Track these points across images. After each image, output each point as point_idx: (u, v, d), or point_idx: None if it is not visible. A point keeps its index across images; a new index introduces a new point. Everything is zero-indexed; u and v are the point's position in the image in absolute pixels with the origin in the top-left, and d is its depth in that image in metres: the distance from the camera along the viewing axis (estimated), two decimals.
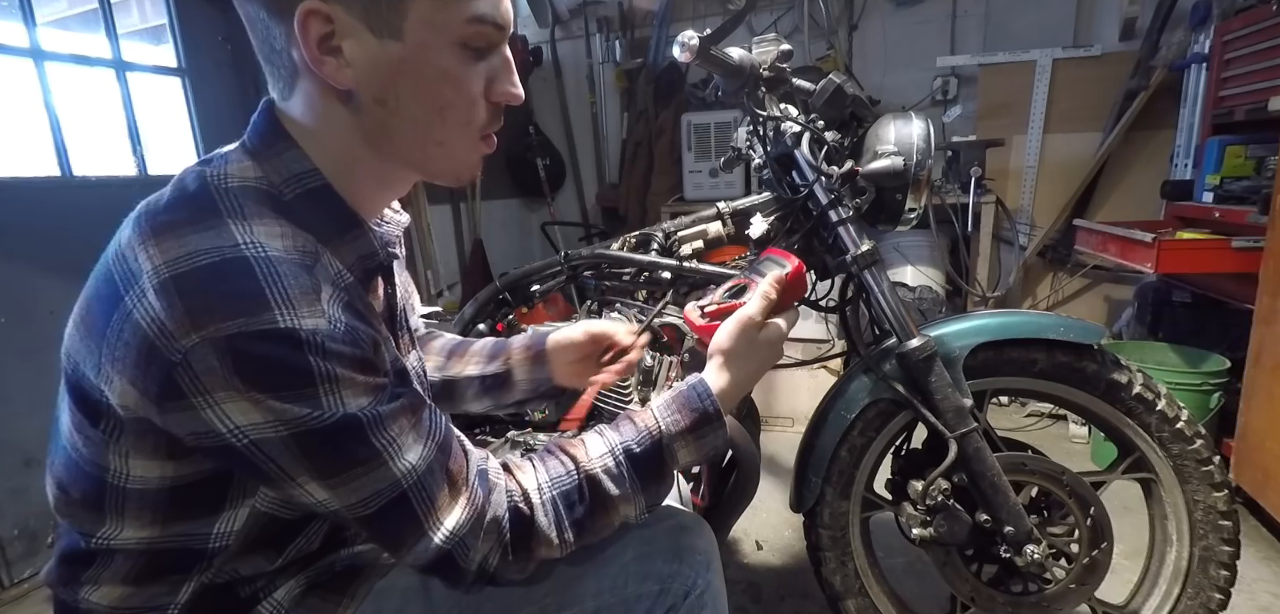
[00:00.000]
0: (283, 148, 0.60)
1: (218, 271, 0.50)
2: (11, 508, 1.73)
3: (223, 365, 0.49)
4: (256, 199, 0.56)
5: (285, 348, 0.50)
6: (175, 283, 0.49)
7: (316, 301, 0.52)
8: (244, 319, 0.49)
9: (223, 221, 0.53)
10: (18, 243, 1.69)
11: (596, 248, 1.29)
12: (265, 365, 0.50)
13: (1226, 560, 1.11)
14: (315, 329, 0.51)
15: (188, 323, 0.48)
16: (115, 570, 0.61)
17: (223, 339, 0.49)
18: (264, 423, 0.51)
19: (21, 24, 1.71)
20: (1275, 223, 1.51)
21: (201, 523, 0.61)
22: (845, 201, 1.13)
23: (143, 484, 0.57)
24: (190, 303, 0.49)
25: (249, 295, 0.50)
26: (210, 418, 0.51)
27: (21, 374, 1.71)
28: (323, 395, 0.52)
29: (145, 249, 0.52)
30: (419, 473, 0.59)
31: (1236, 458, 1.69)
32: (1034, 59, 2.74)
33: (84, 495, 0.59)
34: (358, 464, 0.56)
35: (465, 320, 1.33)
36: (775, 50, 1.14)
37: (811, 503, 1.22)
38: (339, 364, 0.53)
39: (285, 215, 0.57)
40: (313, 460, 0.54)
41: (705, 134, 3.05)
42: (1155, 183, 2.40)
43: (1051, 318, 1.13)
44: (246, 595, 0.66)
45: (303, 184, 0.59)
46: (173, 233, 0.52)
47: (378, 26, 0.56)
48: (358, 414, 0.54)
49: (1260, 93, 1.82)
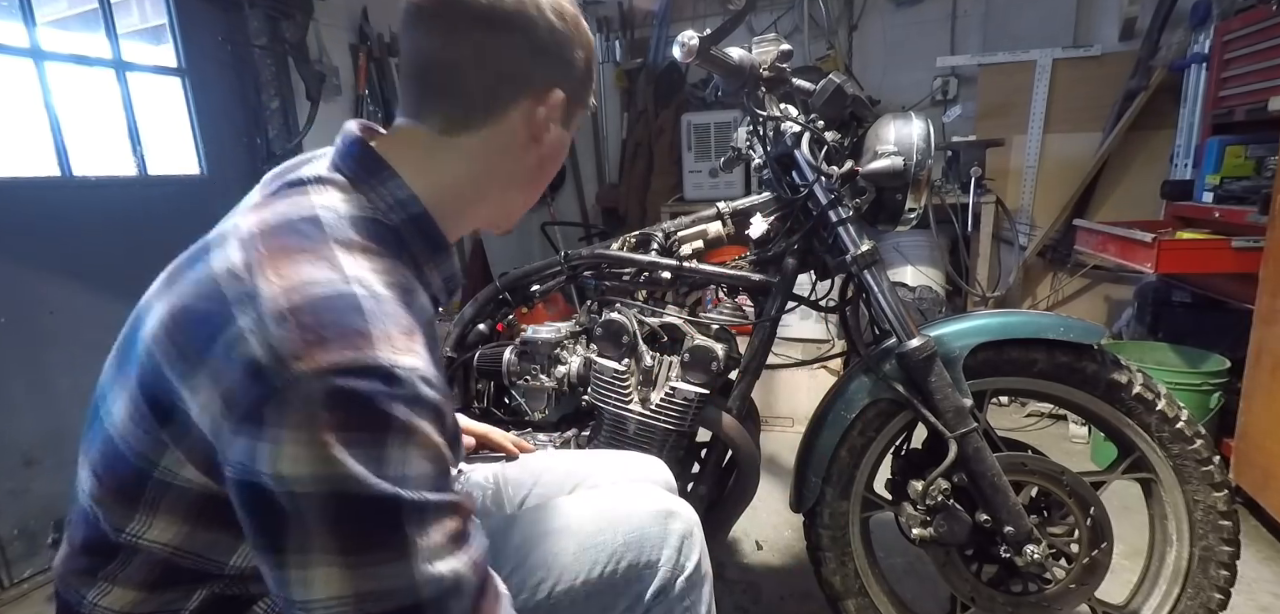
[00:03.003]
0: (386, 176, 0.63)
1: (330, 305, 0.51)
2: (11, 508, 1.73)
3: (316, 400, 0.49)
4: (362, 229, 0.59)
5: (378, 383, 0.50)
6: (293, 313, 0.50)
7: (414, 341, 0.55)
8: (352, 354, 0.50)
9: (334, 253, 0.55)
10: (18, 243, 1.69)
11: (596, 248, 1.29)
12: (349, 401, 0.49)
13: (1226, 560, 1.11)
14: (412, 367, 0.53)
15: (302, 351, 0.49)
16: (132, 572, 0.61)
17: (327, 370, 0.49)
18: (314, 476, 0.49)
19: (21, 24, 1.71)
20: (1275, 223, 1.51)
21: (226, 543, 0.60)
22: (845, 201, 1.13)
23: (186, 484, 0.57)
24: (305, 334, 0.50)
25: (357, 331, 0.51)
26: (263, 454, 0.49)
27: (21, 374, 1.71)
28: (391, 447, 0.51)
29: (263, 273, 0.53)
30: (442, 589, 0.52)
31: (1236, 458, 1.69)
32: (1034, 59, 2.74)
33: (122, 485, 0.59)
34: (386, 548, 0.51)
35: (465, 320, 1.33)
36: (775, 50, 1.14)
37: (811, 503, 1.22)
38: (419, 412, 0.52)
39: (389, 245, 0.61)
40: (339, 529, 0.50)
41: (705, 134, 3.05)
42: (1155, 183, 2.41)
43: (1051, 318, 1.13)
44: (247, 599, 0.66)
45: (406, 211, 0.64)
46: (288, 260, 0.53)
47: (566, 120, 0.71)
48: (403, 496, 0.51)
49: (1260, 93, 1.82)
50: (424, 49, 0.64)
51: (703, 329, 1.22)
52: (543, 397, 1.28)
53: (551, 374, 1.26)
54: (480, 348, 1.33)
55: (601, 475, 1.00)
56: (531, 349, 1.27)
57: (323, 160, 0.65)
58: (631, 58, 3.49)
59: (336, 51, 2.52)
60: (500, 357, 1.29)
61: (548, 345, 1.26)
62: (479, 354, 1.32)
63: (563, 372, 1.26)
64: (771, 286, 1.21)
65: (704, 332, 1.22)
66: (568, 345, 1.28)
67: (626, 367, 1.19)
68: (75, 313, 1.77)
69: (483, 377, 1.34)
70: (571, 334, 1.29)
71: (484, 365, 1.32)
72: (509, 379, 1.29)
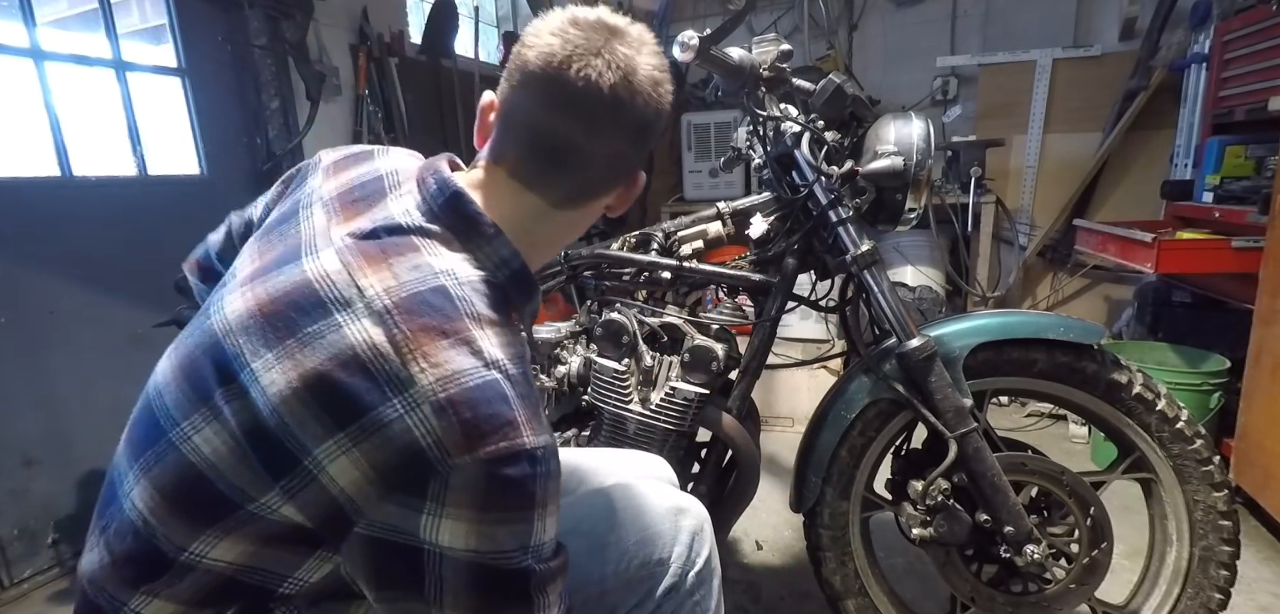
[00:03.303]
0: (491, 235, 0.65)
1: (481, 395, 0.55)
2: (11, 508, 1.73)
3: (478, 485, 0.54)
4: (484, 298, 0.62)
5: (525, 466, 0.55)
6: (451, 406, 0.54)
7: (539, 413, 0.59)
8: (506, 444, 0.55)
9: (471, 333, 0.58)
10: (18, 243, 1.69)
11: (596, 248, 1.29)
12: (505, 486, 0.55)
13: (1226, 560, 1.11)
14: (546, 445, 0.58)
15: (464, 443, 0.53)
16: (182, 589, 0.60)
17: (486, 460, 0.54)
18: (466, 549, 0.55)
19: (21, 24, 1.70)
20: (1275, 223, 1.51)
21: (289, 561, 0.60)
22: (845, 201, 1.13)
23: (277, 519, 0.57)
24: (465, 427, 0.54)
25: (506, 420, 0.55)
26: (425, 523, 0.54)
27: (21, 374, 1.71)
28: (536, 523, 0.57)
29: (415, 359, 0.55)
30: None
31: (1236, 458, 1.69)
32: (1034, 59, 2.74)
33: (198, 508, 0.58)
34: (510, 607, 0.58)
35: None
36: (775, 50, 1.14)
37: (811, 503, 1.22)
38: (552, 483, 0.59)
39: (501, 306, 0.63)
40: (478, 592, 0.56)
41: (705, 134, 3.05)
42: (1155, 183, 2.41)
43: (1051, 318, 1.13)
44: (272, 603, 0.66)
45: (509, 267, 0.66)
46: (433, 344, 0.56)
47: None
48: (535, 568, 0.58)
49: (1260, 93, 1.82)
50: (563, 131, 0.64)
51: (703, 329, 1.22)
52: (543, 397, 1.28)
53: (551, 374, 1.26)
54: None
55: (605, 473, 1.00)
56: (531, 349, 1.27)
57: (406, 191, 0.67)
58: None
59: (336, 51, 2.52)
60: None
61: (548, 345, 1.26)
62: None
63: (563, 371, 1.26)
64: (771, 286, 1.21)
65: (704, 331, 1.22)
66: (568, 345, 1.28)
67: (626, 367, 1.19)
68: (76, 313, 1.77)
69: None
70: (571, 334, 1.29)
71: None
72: None
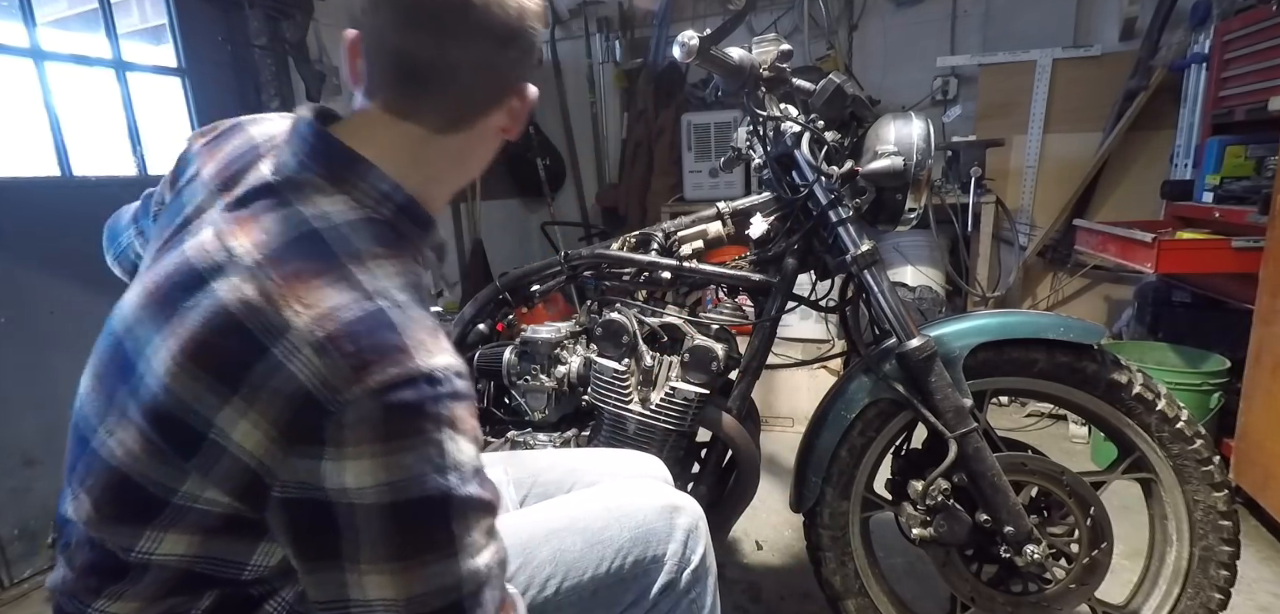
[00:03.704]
0: (365, 171, 0.63)
1: (364, 325, 0.54)
2: (11, 508, 1.73)
3: (373, 417, 0.52)
4: (366, 236, 0.60)
5: (423, 388, 0.54)
6: (331, 342, 0.52)
7: (438, 334, 0.58)
8: (396, 369, 0.53)
9: (348, 270, 0.56)
10: (18, 243, 1.69)
11: (596, 248, 1.29)
12: (403, 411, 0.53)
13: (1226, 560, 1.11)
14: (447, 366, 0.56)
15: (351, 377, 0.52)
16: (142, 589, 0.60)
17: (379, 389, 0.52)
18: (379, 484, 0.52)
19: (21, 24, 1.71)
20: (1275, 223, 1.51)
21: (242, 549, 0.60)
22: (845, 201, 1.13)
23: (208, 506, 0.57)
24: (348, 360, 0.52)
25: (394, 346, 0.54)
26: (327, 470, 0.52)
27: (21, 374, 1.71)
28: (444, 441, 0.55)
29: (288, 305, 0.53)
30: (481, 581, 0.57)
31: (1236, 458, 1.69)
32: (1034, 59, 2.74)
33: (131, 512, 0.58)
34: (437, 547, 0.55)
35: (465, 320, 1.33)
36: (775, 50, 1.14)
37: (811, 503, 1.22)
38: (459, 403, 0.56)
39: (391, 243, 0.62)
40: (397, 536, 0.54)
41: (705, 134, 3.05)
42: (1155, 183, 2.40)
43: (1051, 318, 1.13)
44: (257, 595, 0.66)
45: (393, 201, 0.64)
46: (306, 287, 0.54)
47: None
48: (454, 492, 0.55)
49: (1260, 93, 1.82)
50: (418, 47, 0.61)
51: (703, 329, 1.22)
52: (543, 397, 1.28)
53: (551, 374, 1.26)
54: (480, 348, 1.33)
55: (600, 472, 1.00)
56: (531, 349, 1.27)
57: (277, 150, 0.64)
58: (631, 58, 3.49)
59: (336, 51, 2.52)
60: (500, 357, 1.29)
61: (548, 345, 1.26)
62: (479, 354, 1.32)
63: (563, 372, 1.26)
64: (771, 286, 1.21)
65: (704, 331, 1.22)
66: (568, 345, 1.28)
67: (626, 367, 1.19)
68: (76, 313, 1.77)
69: (483, 376, 1.34)
70: (571, 334, 1.29)
71: (484, 365, 1.32)
72: (509, 379, 1.29)
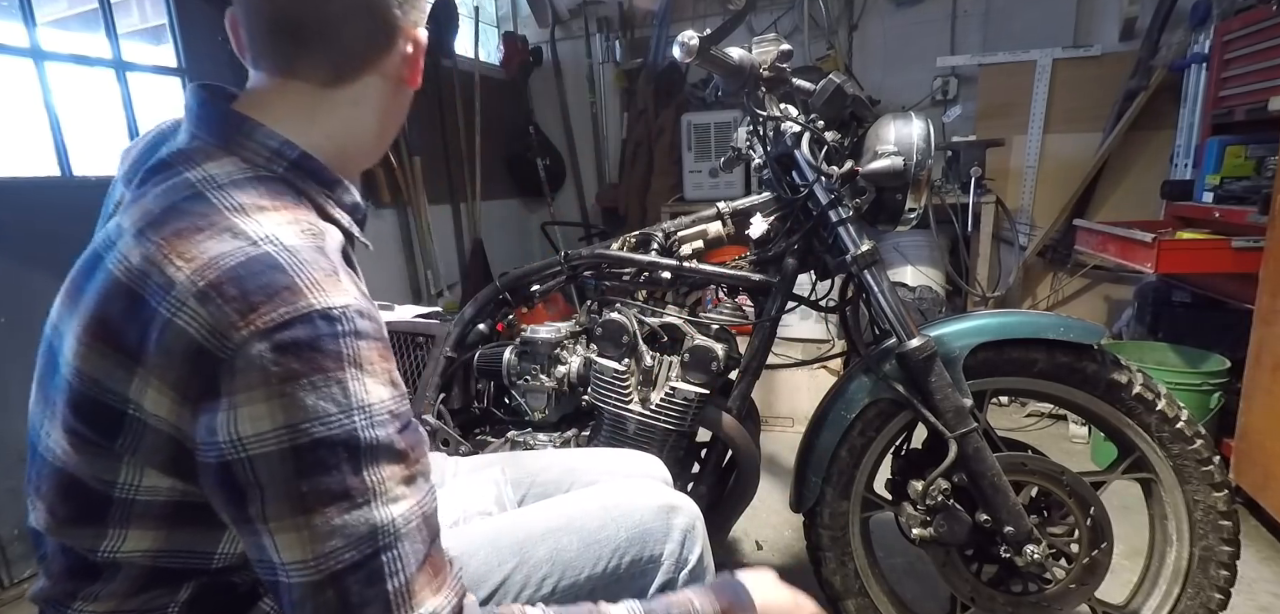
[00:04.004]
0: (251, 129, 0.61)
1: (249, 267, 0.51)
2: (11, 508, 1.73)
3: (263, 358, 0.50)
4: (249, 188, 0.57)
5: (322, 326, 0.51)
6: (214, 287, 0.51)
7: (336, 276, 0.55)
8: (286, 308, 0.50)
9: (231, 221, 0.54)
10: (18, 243, 1.69)
11: (596, 248, 1.29)
12: (298, 349, 0.51)
13: (1226, 560, 1.11)
14: (346, 303, 0.53)
15: (238, 320, 0.50)
16: (116, 587, 0.61)
17: (268, 329, 0.50)
18: (275, 429, 0.50)
19: (21, 24, 1.71)
20: (1275, 223, 1.51)
21: (208, 538, 0.60)
22: (845, 201, 1.13)
23: (150, 496, 0.57)
24: (234, 305, 0.50)
25: (283, 285, 0.51)
26: (223, 421, 0.50)
27: (21, 374, 1.71)
28: (350, 381, 0.52)
29: (170, 260, 0.52)
30: (398, 532, 0.53)
31: (1236, 458, 1.69)
32: (1034, 59, 2.74)
33: (83, 512, 0.58)
34: (343, 496, 0.52)
35: (465, 320, 1.33)
36: (775, 50, 1.14)
37: (811, 503, 1.22)
38: (364, 342, 0.54)
39: (280, 194, 0.59)
40: (297, 485, 0.51)
41: (705, 134, 3.05)
42: (1155, 183, 2.41)
43: (1051, 318, 1.13)
44: (245, 589, 0.66)
45: (284, 158, 0.62)
46: (186, 241, 0.53)
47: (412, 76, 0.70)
48: (360, 435, 0.52)
49: (1260, 93, 1.82)
50: (288, 6, 0.61)
51: (703, 329, 1.22)
52: (543, 397, 1.28)
53: (551, 374, 1.26)
54: (480, 348, 1.33)
55: (599, 472, 1.00)
56: (531, 349, 1.27)
57: (178, 135, 0.63)
58: (631, 58, 3.49)
59: None
60: (500, 356, 1.29)
61: (548, 345, 1.26)
62: (479, 354, 1.32)
63: (563, 372, 1.26)
64: (771, 287, 1.21)
65: (704, 331, 1.22)
66: (568, 345, 1.28)
67: (626, 367, 1.19)
68: None
69: (483, 377, 1.34)
70: (571, 334, 1.29)
71: (484, 365, 1.32)
72: (509, 379, 1.29)
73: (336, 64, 0.64)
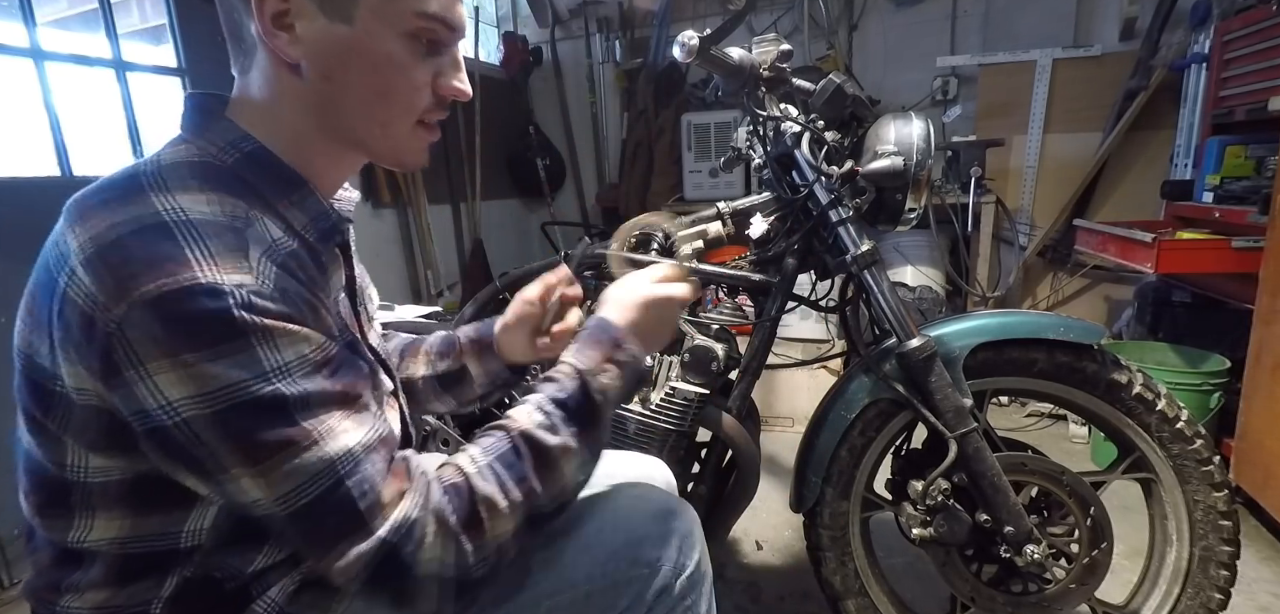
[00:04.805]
0: (216, 121, 0.61)
1: (137, 237, 0.50)
2: (12, 508, 1.72)
3: (152, 330, 0.49)
4: (186, 172, 0.56)
5: (210, 302, 0.50)
6: (99, 255, 0.50)
7: (242, 259, 0.52)
8: (167, 278, 0.49)
9: (145, 195, 0.53)
10: (18, 243, 1.68)
11: (596, 247, 1.29)
12: (192, 322, 0.49)
13: (1226, 560, 1.11)
14: (240, 283, 0.51)
15: (116, 290, 0.49)
16: (94, 576, 0.61)
17: (150, 301, 0.49)
18: (194, 395, 0.50)
19: (21, 24, 1.71)
20: (1275, 223, 1.51)
21: (172, 519, 0.60)
22: (845, 201, 1.13)
23: (104, 479, 0.57)
24: (116, 272, 0.49)
25: (169, 256, 0.50)
26: (144, 392, 0.50)
27: None
28: (258, 351, 0.51)
29: (72, 230, 0.53)
30: (357, 458, 0.56)
31: (1236, 458, 1.69)
32: (1034, 59, 2.74)
33: (49, 497, 0.59)
34: (288, 445, 0.53)
35: (465, 320, 1.33)
36: (775, 50, 1.14)
37: (811, 503, 1.22)
38: (268, 317, 0.52)
39: (221, 183, 0.57)
40: (239, 442, 0.52)
41: (705, 134, 3.05)
42: (1155, 183, 2.41)
43: (1051, 318, 1.13)
44: (233, 589, 0.65)
45: (240, 148, 0.60)
46: (95, 212, 0.53)
47: (329, 9, 0.58)
48: (284, 391, 0.52)
49: (1260, 93, 1.82)
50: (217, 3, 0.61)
51: (703, 329, 1.22)
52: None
53: None
54: None
55: (600, 475, 0.99)
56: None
57: None
58: (631, 58, 3.49)
59: None
60: None
61: None
62: None
63: None
64: (771, 287, 1.21)
65: (704, 331, 1.22)
66: None
67: None
68: None
69: None
70: None
71: None
72: None
73: (232, 48, 0.63)
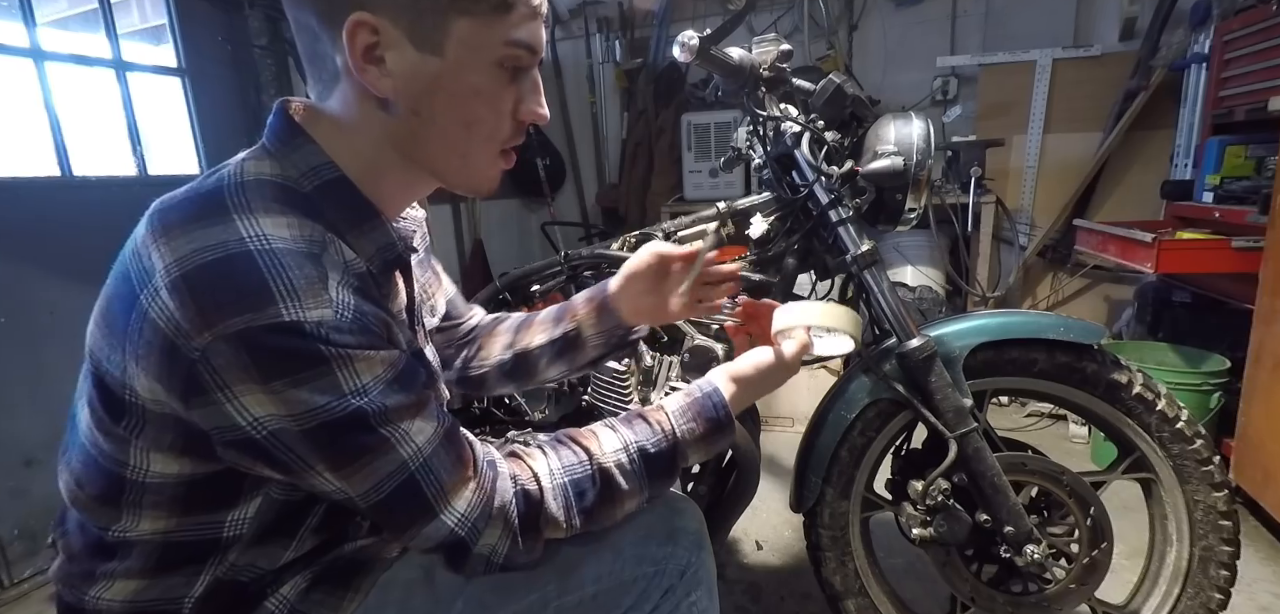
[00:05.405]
0: (301, 143, 0.62)
1: (223, 267, 0.51)
2: (11, 508, 1.73)
3: (238, 360, 0.51)
4: (269, 193, 0.57)
5: (294, 339, 0.52)
6: (185, 280, 0.51)
7: (323, 290, 0.54)
8: (252, 314, 0.50)
9: (229, 217, 0.54)
10: (18, 243, 1.69)
11: (596, 248, 1.29)
12: (277, 356, 0.52)
13: (1226, 560, 1.11)
14: (321, 319, 0.53)
15: (200, 321, 0.50)
16: (131, 565, 0.62)
17: (234, 335, 0.50)
18: (282, 414, 0.53)
19: (21, 24, 1.71)
20: (1275, 223, 1.51)
21: (217, 513, 0.62)
22: (845, 201, 1.13)
23: (161, 479, 0.58)
24: (201, 301, 0.50)
25: (253, 290, 0.51)
26: (231, 412, 0.52)
27: (21, 374, 1.71)
28: (340, 377, 0.54)
29: (157, 246, 0.53)
30: (426, 456, 0.60)
31: (1236, 458, 1.69)
32: (1034, 59, 2.74)
33: (102, 491, 0.60)
34: (367, 451, 0.57)
35: None
36: (775, 50, 1.14)
37: (811, 503, 1.22)
38: (350, 347, 0.55)
39: (299, 207, 0.58)
40: (326, 452, 0.56)
41: (705, 134, 3.04)
42: (1155, 183, 2.40)
43: (1051, 318, 1.13)
44: (254, 590, 0.67)
45: (320, 176, 0.61)
46: (182, 229, 0.53)
47: (420, 41, 0.58)
48: (365, 407, 0.56)
49: (1260, 93, 1.82)
50: (292, 30, 0.63)
51: (702, 329, 1.22)
52: (542, 396, 1.28)
53: None
54: None
55: None
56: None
57: None
58: (631, 58, 3.49)
59: None
60: None
61: None
62: None
63: None
64: (771, 287, 1.21)
65: (704, 331, 1.22)
66: None
67: (626, 366, 1.19)
68: (75, 313, 1.77)
69: None
70: None
71: None
72: None
73: (313, 78, 0.63)
